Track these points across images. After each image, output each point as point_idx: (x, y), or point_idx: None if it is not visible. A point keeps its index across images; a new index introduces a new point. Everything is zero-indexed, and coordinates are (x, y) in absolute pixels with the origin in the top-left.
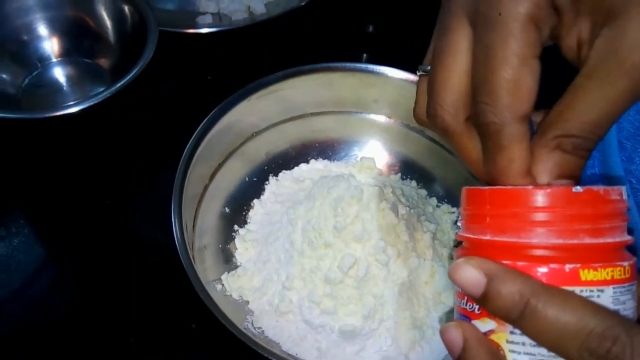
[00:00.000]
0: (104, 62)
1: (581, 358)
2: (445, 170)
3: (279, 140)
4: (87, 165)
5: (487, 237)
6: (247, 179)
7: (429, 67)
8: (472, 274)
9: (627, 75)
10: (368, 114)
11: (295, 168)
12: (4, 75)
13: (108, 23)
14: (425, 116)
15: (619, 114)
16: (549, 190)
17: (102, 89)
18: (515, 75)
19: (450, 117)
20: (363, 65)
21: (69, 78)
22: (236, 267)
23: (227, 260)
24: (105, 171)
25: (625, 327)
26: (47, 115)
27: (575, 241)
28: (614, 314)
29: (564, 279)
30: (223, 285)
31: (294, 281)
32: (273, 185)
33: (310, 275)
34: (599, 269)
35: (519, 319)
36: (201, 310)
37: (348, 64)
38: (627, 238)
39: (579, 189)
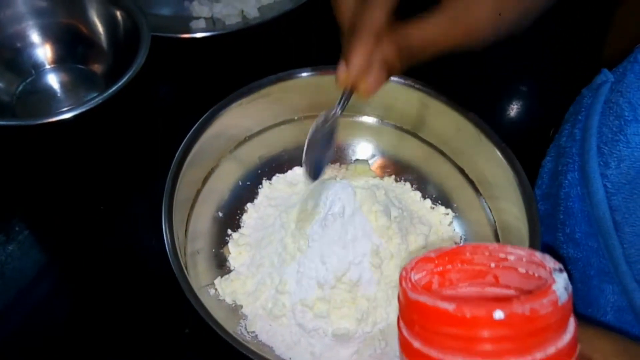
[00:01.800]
0: (97, 68)
1: None
2: (439, 172)
3: (272, 144)
4: (82, 171)
5: (417, 345)
6: (240, 183)
7: None
8: None
9: (462, 26)
10: (361, 117)
11: (289, 172)
12: None
13: (101, 29)
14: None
15: (444, 49)
16: (468, 315)
17: (95, 95)
18: None
19: None
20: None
21: (62, 84)
22: (229, 271)
23: (221, 265)
24: (100, 177)
25: None
26: (41, 121)
27: None
28: None
29: None
30: (216, 289)
31: (287, 285)
32: (266, 189)
33: (303, 279)
34: None
35: None
36: (194, 316)
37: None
38: (563, 343)
39: (500, 315)
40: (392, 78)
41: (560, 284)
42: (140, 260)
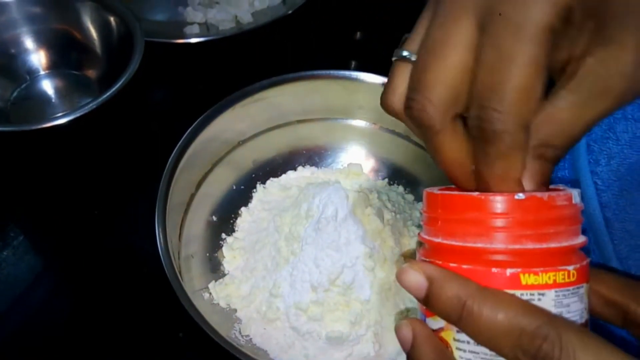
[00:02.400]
0: (91, 74)
1: (515, 356)
2: (432, 175)
3: (266, 147)
4: (76, 176)
5: (439, 240)
6: (234, 187)
7: (406, 53)
8: (415, 277)
9: (609, 99)
10: (354, 120)
11: (283, 175)
12: None
13: (94, 35)
14: (400, 105)
15: (590, 129)
16: (491, 197)
17: (90, 100)
18: (530, 83)
19: (437, 114)
20: (347, 73)
21: (57, 90)
22: (224, 275)
23: (215, 269)
24: (94, 181)
25: (555, 325)
26: (36, 127)
27: (517, 246)
28: (546, 313)
29: (505, 282)
30: (210, 293)
31: (280, 288)
32: (260, 192)
33: (297, 283)
34: (540, 274)
35: (458, 320)
36: (189, 319)
37: (333, 72)
38: (575, 242)
39: (521, 196)
40: (384, 81)
41: (574, 191)
42: (135, 264)
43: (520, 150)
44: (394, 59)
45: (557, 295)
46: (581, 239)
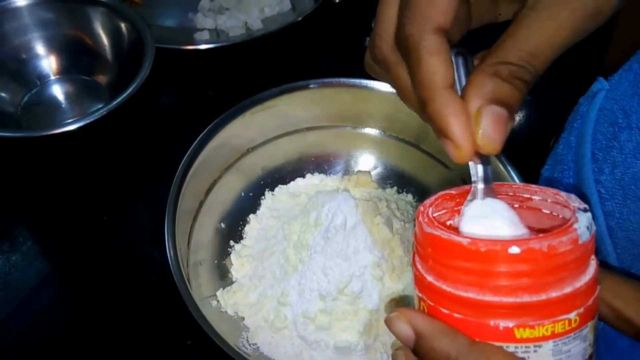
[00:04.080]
0: (102, 79)
1: None
2: (442, 183)
3: (275, 155)
4: (85, 182)
5: (430, 279)
6: (243, 194)
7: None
8: (403, 329)
9: (568, 6)
10: (363, 128)
11: (292, 183)
12: (3, 94)
13: (105, 40)
14: (372, 59)
15: (558, 46)
16: (483, 248)
17: (100, 106)
18: None
19: (386, 46)
20: (357, 81)
21: (67, 95)
22: (232, 282)
23: (223, 276)
24: (103, 188)
25: None
26: (46, 133)
27: (511, 299)
28: None
29: (497, 335)
30: (218, 301)
31: (289, 297)
32: (269, 200)
33: (305, 291)
34: (537, 327)
35: None
36: (196, 327)
37: (343, 80)
38: (581, 283)
39: (515, 250)
40: (393, 91)
41: (583, 222)
42: (143, 270)
43: (436, 52)
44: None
45: (556, 345)
46: (588, 276)
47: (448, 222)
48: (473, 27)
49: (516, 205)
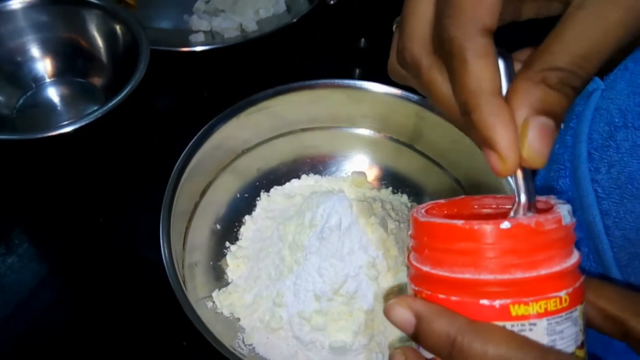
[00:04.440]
0: (97, 81)
1: None
2: (436, 184)
3: (270, 156)
4: (81, 184)
5: (426, 269)
6: (238, 195)
7: (397, 19)
8: (402, 314)
9: (619, 4)
10: (358, 129)
11: (287, 184)
12: None
13: (100, 43)
14: (398, 62)
15: (609, 48)
16: (476, 227)
17: (95, 108)
18: None
19: (418, 48)
20: (352, 82)
21: (62, 98)
22: (227, 284)
23: (218, 277)
24: (99, 189)
25: None
26: (42, 135)
27: (505, 276)
28: (538, 346)
29: (494, 314)
30: (214, 302)
31: (284, 297)
32: (264, 201)
33: (300, 292)
34: (531, 303)
35: (449, 356)
36: (192, 328)
37: (337, 81)
38: (567, 265)
39: (506, 224)
40: (389, 91)
41: (564, 208)
42: (139, 272)
43: (483, 56)
44: (394, 27)
45: (550, 323)
46: (573, 260)
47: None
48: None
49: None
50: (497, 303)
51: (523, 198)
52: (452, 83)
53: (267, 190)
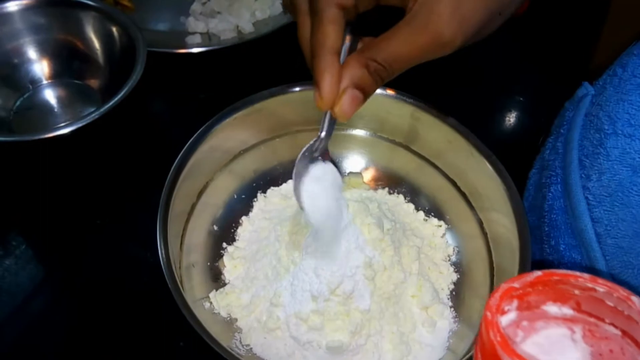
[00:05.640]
0: (94, 83)
1: None
2: (432, 184)
3: (267, 157)
4: (78, 186)
5: None
6: (235, 196)
7: None
8: None
9: (428, 34)
10: (354, 130)
11: (284, 185)
12: None
13: (97, 45)
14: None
15: (415, 59)
16: None
17: (92, 110)
18: None
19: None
20: None
21: (59, 99)
22: (224, 284)
23: (216, 278)
24: (96, 191)
25: None
26: (39, 137)
27: None
28: None
29: None
30: (211, 303)
31: (281, 298)
32: (261, 202)
33: (297, 292)
34: None
35: None
36: (189, 329)
37: None
38: None
39: None
40: (384, 92)
41: None
42: (136, 273)
43: (332, 22)
44: None
45: None
46: None
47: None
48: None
49: (577, 292)
50: None
51: (323, 134)
52: (311, 32)
53: (264, 191)
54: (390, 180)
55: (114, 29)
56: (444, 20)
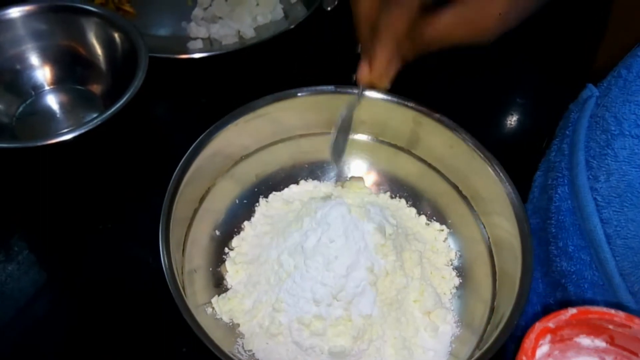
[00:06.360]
0: (96, 89)
1: None
2: (434, 188)
3: (269, 162)
4: (81, 191)
5: None
6: (237, 202)
7: None
8: None
9: (472, 30)
10: (356, 135)
11: (285, 189)
12: None
13: (99, 51)
14: None
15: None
16: None
17: (95, 115)
18: None
19: None
20: (350, 88)
21: (62, 105)
22: (227, 289)
23: (218, 283)
24: (98, 196)
25: None
26: (41, 143)
27: None
28: None
29: None
30: (213, 308)
31: (283, 303)
32: (263, 207)
33: (299, 297)
34: None
35: None
36: (192, 335)
37: (335, 87)
38: None
39: None
40: (386, 97)
41: None
42: (138, 278)
43: (410, 12)
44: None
45: None
46: None
47: None
48: None
49: (611, 327)
50: None
51: (357, 100)
52: (383, 12)
53: (266, 196)
54: (392, 185)
55: (116, 35)
56: (492, 14)
